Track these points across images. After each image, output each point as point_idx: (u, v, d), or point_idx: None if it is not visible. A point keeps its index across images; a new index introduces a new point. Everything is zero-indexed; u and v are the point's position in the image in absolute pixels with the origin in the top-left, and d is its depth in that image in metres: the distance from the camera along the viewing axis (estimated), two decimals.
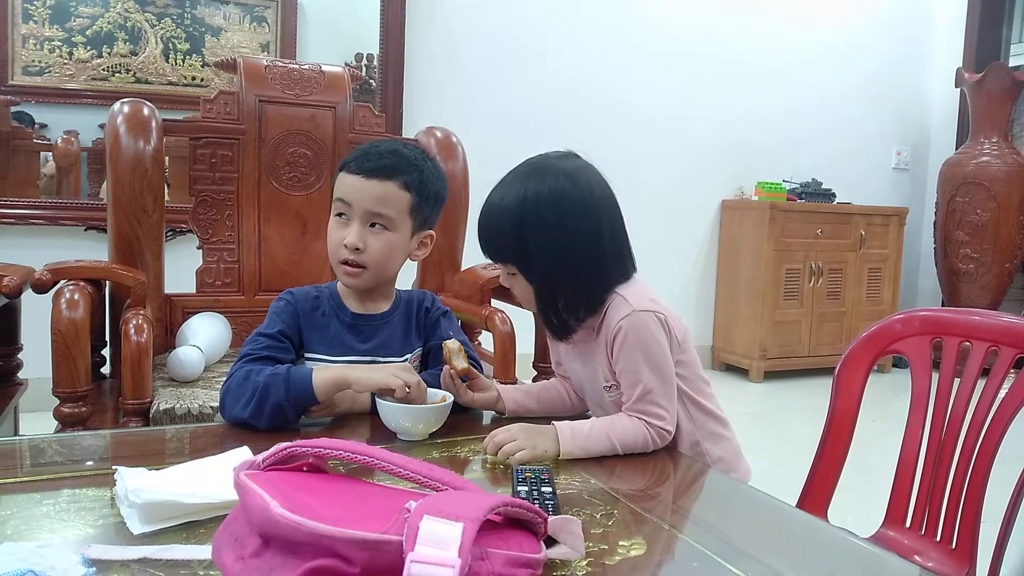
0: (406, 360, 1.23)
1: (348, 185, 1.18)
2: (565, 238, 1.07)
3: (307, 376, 1.08)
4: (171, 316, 1.84)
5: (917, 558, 1.14)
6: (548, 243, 1.07)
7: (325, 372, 1.10)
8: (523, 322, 1.78)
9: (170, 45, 3.16)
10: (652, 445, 1.07)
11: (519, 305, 1.20)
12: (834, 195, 4.29)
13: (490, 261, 1.16)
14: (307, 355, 1.20)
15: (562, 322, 1.12)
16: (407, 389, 1.06)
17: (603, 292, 1.11)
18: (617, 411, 1.11)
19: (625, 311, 1.08)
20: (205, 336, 1.71)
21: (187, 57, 3.19)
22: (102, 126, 2.76)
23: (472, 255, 2.08)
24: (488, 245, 1.12)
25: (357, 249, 1.17)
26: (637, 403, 1.08)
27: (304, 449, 0.68)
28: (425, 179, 1.21)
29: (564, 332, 1.13)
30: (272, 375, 1.08)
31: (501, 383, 1.24)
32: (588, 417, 1.13)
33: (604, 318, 1.11)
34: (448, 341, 1.15)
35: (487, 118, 3.57)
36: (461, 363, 1.13)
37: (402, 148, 1.22)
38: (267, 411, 1.06)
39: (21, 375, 1.91)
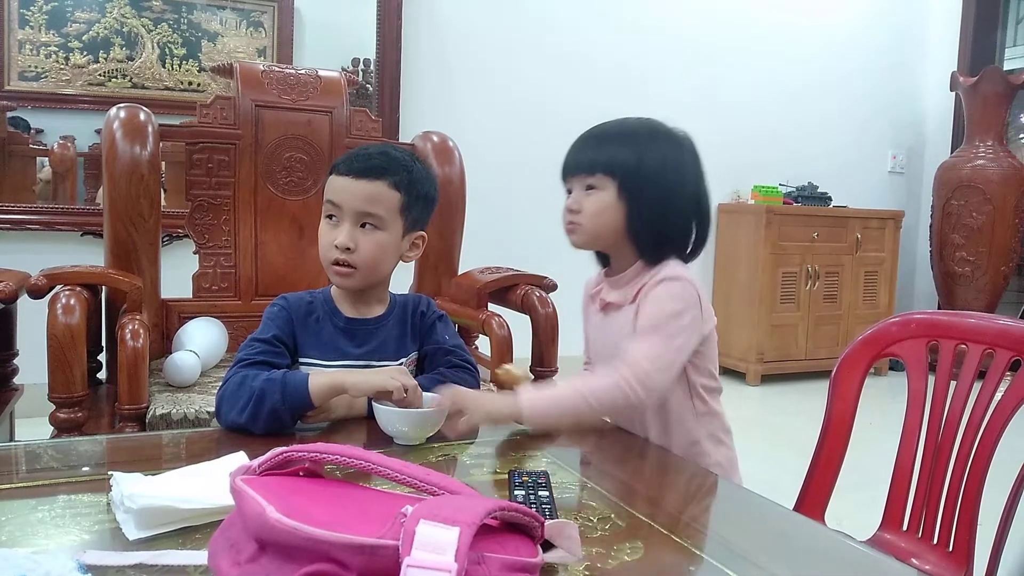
0: (401, 364, 1.23)
1: (338, 186, 1.18)
2: (678, 182, 1.12)
3: (303, 381, 1.07)
4: (167, 321, 1.84)
5: (914, 561, 1.14)
6: (661, 177, 1.12)
7: (321, 377, 1.09)
8: (520, 326, 1.78)
9: (166, 50, 3.16)
10: (630, 396, 1.05)
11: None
12: (830, 199, 4.30)
13: (569, 175, 1.17)
14: (301, 360, 1.20)
15: (641, 250, 1.15)
16: (404, 392, 1.06)
17: (667, 253, 1.14)
18: None
19: (674, 274, 1.11)
20: (201, 341, 1.71)
21: (183, 62, 3.19)
22: (98, 131, 2.76)
23: (469, 259, 2.09)
24: (597, 147, 1.14)
25: (348, 249, 1.17)
26: (635, 338, 1.08)
27: (300, 454, 0.68)
28: (415, 179, 1.21)
29: (651, 254, 1.15)
30: (268, 380, 1.07)
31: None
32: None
33: (648, 280, 1.13)
34: (510, 367, 1.15)
35: (484, 123, 3.57)
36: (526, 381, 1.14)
37: (391, 150, 1.23)
38: (263, 416, 1.06)
39: (17, 380, 1.91)
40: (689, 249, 1.18)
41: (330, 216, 1.20)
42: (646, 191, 1.12)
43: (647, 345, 1.08)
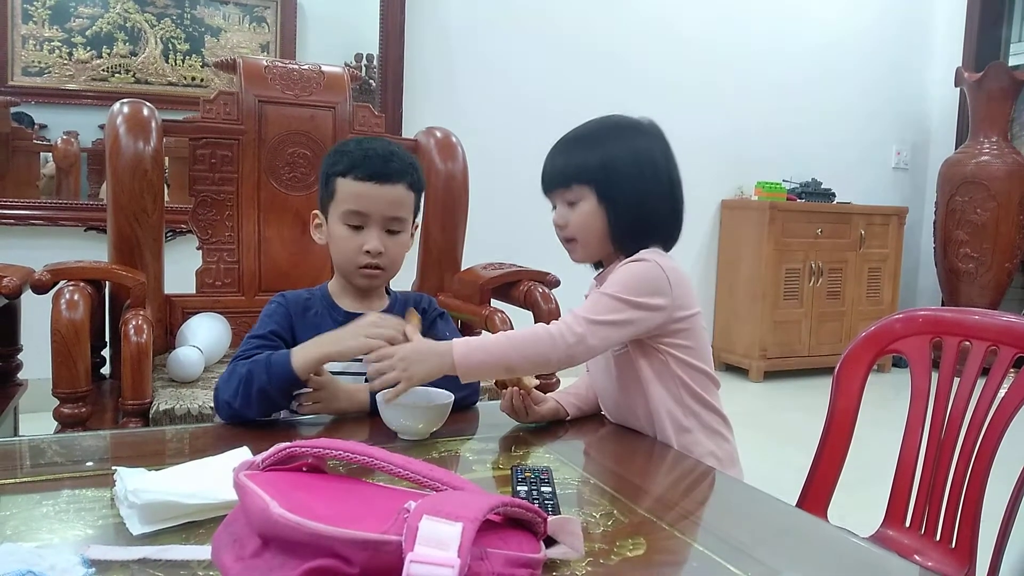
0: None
1: (362, 194, 1.18)
2: (652, 176, 1.13)
3: (286, 358, 1.09)
4: (171, 316, 1.84)
5: (917, 557, 1.14)
6: (634, 175, 1.12)
7: (304, 351, 1.10)
8: (523, 322, 1.78)
9: (170, 45, 3.16)
10: (559, 342, 1.04)
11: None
12: (834, 195, 4.29)
13: (549, 191, 1.17)
14: None
15: (629, 239, 1.14)
16: (391, 343, 1.05)
17: (647, 245, 1.13)
18: (619, 370, 1.14)
19: (641, 256, 1.11)
20: (205, 336, 1.71)
21: (187, 57, 3.19)
22: (102, 127, 2.76)
23: (472, 255, 2.09)
24: (567, 163, 1.14)
25: (380, 253, 1.19)
26: (586, 301, 1.10)
27: (304, 449, 0.68)
28: (419, 176, 1.25)
29: (632, 249, 1.14)
30: (254, 362, 1.09)
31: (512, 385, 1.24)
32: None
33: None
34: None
35: (487, 118, 3.57)
36: (532, 380, 1.12)
37: (395, 148, 1.25)
38: (253, 398, 1.07)
39: (21, 376, 1.91)
40: (672, 233, 1.18)
41: (352, 224, 1.20)
42: (623, 188, 1.12)
43: (591, 303, 1.08)
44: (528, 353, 1.05)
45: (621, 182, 1.11)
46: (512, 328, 1.72)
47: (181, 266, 1.99)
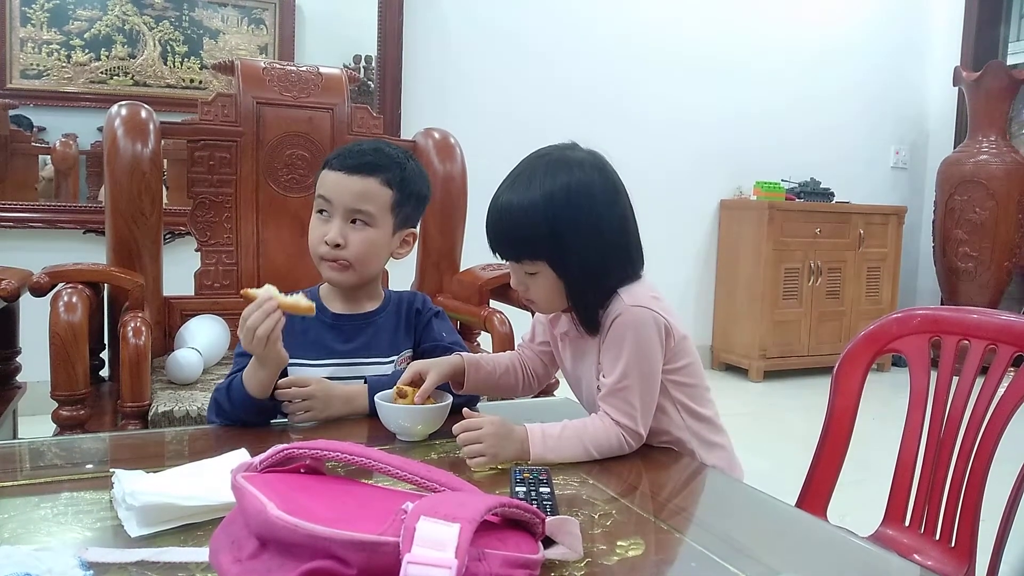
0: (393, 361, 1.23)
1: (330, 182, 1.18)
2: (599, 229, 1.05)
3: (241, 382, 1.08)
4: (169, 319, 1.84)
5: (916, 557, 1.14)
6: (583, 235, 1.04)
7: (247, 373, 1.08)
8: (522, 323, 1.78)
9: (168, 48, 3.16)
10: (627, 448, 1.03)
11: (524, 307, 1.17)
12: (833, 194, 4.29)
13: (500, 260, 1.12)
14: (290, 362, 1.19)
15: (593, 318, 1.09)
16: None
17: (620, 286, 1.08)
18: None
19: (621, 307, 1.05)
20: (204, 338, 1.71)
21: (185, 60, 3.19)
22: (100, 129, 2.77)
23: (470, 256, 2.09)
24: (511, 243, 1.07)
25: (338, 245, 1.17)
26: (610, 395, 1.04)
27: (302, 451, 0.68)
28: (407, 177, 1.21)
29: (597, 327, 1.09)
30: (217, 390, 1.12)
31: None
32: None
33: (604, 315, 1.09)
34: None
35: (485, 119, 3.57)
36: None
37: (385, 147, 1.23)
38: (231, 419, 1.10)
39: (20, 378, 1.91)
40: (641, 261, 1.12)
41: (321, 211, 1.20)
42: (576, 252, 1.04)
43: (627, 391, 1.04)
44: (603, 452, 1.02)
45: (572, 247, 1.04)
46: (510, 328, 1.72)
47: (180, 268, 1.99)
